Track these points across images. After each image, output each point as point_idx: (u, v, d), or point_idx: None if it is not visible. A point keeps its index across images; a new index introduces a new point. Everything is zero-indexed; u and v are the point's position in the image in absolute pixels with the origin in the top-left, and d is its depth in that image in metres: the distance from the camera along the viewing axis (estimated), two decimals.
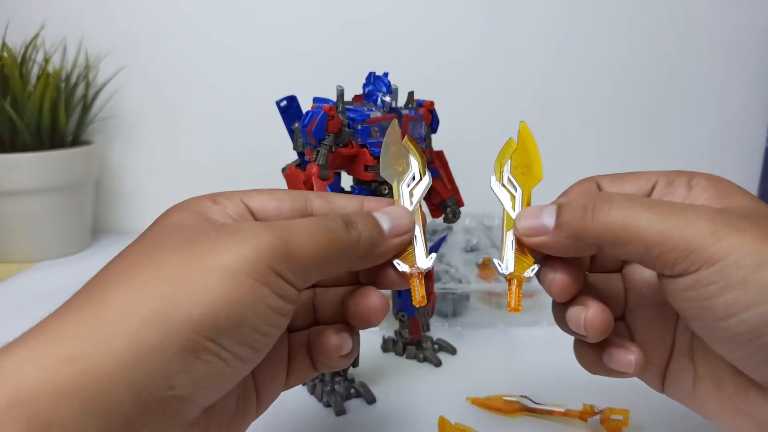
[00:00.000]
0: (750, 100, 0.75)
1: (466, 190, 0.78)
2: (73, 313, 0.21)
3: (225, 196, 0.26)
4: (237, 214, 0.25)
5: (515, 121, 0.33)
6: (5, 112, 0.62)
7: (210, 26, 0.73)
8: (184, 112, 0.75)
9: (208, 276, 0.20)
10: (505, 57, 0.74)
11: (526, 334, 0.48)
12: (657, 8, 0.72)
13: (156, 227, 0.24)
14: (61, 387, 0.18)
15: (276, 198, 0.27)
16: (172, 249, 0.22)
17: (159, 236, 0.23)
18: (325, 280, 0.28)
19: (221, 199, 0.26)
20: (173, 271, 0.21)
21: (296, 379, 0.28)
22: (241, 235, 0.22)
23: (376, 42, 0.73)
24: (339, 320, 0.28)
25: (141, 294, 0.20)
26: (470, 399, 0.37)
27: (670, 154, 0.77)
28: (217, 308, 0.20)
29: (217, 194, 0.26)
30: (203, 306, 0.20)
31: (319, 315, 0.29)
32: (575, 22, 0.73)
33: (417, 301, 0.27)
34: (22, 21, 0.70)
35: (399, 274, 0.27)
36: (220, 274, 0.20)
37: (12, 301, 0.55)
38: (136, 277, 0.21)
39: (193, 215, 0.24)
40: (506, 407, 0.36)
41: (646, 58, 0.74)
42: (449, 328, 0.49)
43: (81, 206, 0.70)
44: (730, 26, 0.73)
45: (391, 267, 0.27)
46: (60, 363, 0.19)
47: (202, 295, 0.20)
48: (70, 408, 0.18)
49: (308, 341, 0.28)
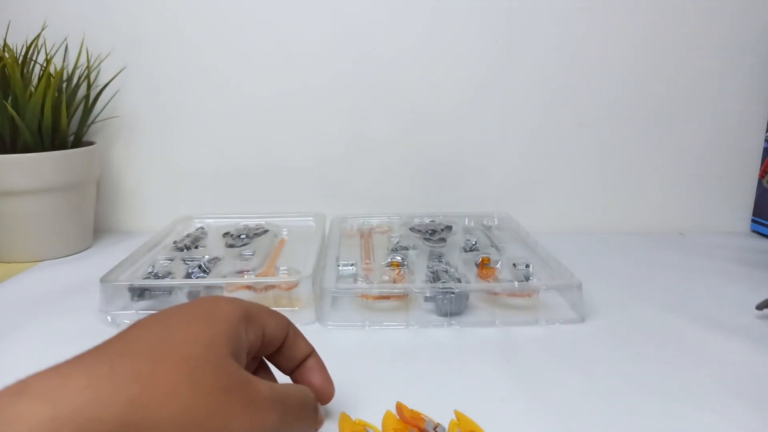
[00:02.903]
0: (749, 100, 0.76)
1: (466, 190, 0.78)
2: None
3: (251, 320, 0.30)
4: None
5: (515, 121, 0.33)
6: (6, 112, 0.62)
7: (210, 26, 0.73)
8: (185, 113, 0.76)
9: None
10: (506, 58, 0.74)
11: (525, 333, 0.48)
12: (656, 9, 0.73)
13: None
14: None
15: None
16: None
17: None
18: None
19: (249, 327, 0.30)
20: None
21: None
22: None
23: (376, 42, 0.73)
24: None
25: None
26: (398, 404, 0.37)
27: (670, 154, 0.77)
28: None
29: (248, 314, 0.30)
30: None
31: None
32: (576, 23, 0.73)
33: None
34: (23, 21, 0.70)
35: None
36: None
37: (13, 301, 0.55)
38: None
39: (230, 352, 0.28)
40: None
41: (646, 59, 0.74)
42: (448, 327, 0.49)
43: (82, 206, 0.70)
44: (730, 26, 0.73)
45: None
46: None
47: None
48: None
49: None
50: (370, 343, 0.47)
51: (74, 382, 0.22)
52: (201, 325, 0.27)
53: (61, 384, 0.22)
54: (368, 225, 0.73)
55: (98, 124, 0.75)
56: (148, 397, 0.23)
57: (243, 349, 0.29)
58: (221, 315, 0.29)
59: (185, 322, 0.27)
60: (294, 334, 0.33)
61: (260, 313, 0.31)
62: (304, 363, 0.34)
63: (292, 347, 0.33)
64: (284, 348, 0.33)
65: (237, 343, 0.28)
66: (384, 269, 0.56)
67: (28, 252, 0.66)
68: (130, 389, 0.23)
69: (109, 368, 0.23)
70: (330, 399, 0.35)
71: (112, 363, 0.24)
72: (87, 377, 0.22)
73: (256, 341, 0.31)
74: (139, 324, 0.27)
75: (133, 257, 0.57)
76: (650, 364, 0.43)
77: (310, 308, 0.50)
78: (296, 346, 0.34)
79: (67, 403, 0.21)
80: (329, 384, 0.35)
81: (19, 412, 0.20)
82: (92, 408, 0.21)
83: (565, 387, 0.40)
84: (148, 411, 0.22)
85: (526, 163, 0.77)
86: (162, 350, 0.25)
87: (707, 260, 0.66)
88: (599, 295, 0.55)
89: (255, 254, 0.60)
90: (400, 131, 0.76)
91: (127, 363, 0.24)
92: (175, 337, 0.26)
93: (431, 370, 0.42)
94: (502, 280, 0.55)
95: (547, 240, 0.63)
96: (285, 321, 0.33)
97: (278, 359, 0.34)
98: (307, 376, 0.34)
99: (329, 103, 0.75)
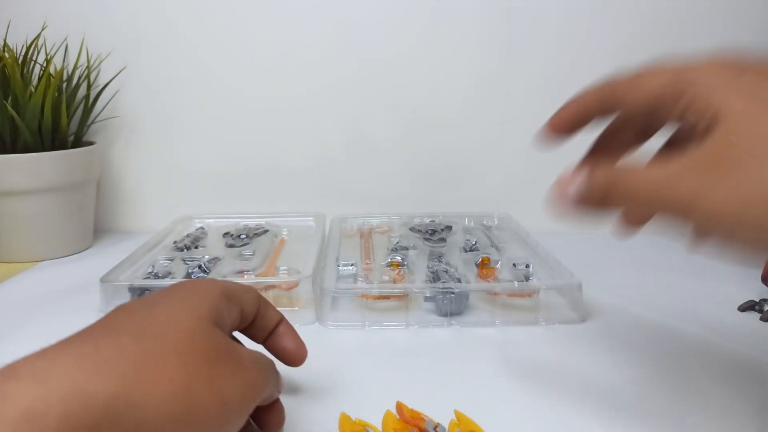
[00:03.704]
0: None
1: (466, 190, 0.78)
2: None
3: (230, 298, 0.31)
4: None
5: (515, 121, 0.33)
6: (6, 112, 0.62)
7: (211, 26, 0.73)
8: (185, 113, 0.76)
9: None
10: (506, 58, 0.74)
11: (525, 333, 0.48)
12: (656, 9, 0.73)
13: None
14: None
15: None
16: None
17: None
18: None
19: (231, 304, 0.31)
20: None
21: None
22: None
23: (376, 43, 0.73)
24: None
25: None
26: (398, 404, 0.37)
27: None
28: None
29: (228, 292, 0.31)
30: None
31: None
32: (576, 23, 0.73)
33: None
34: (23, 21, 0.70)
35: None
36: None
37: (13, 301, 0.55)
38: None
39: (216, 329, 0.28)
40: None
41: (646, 59, 0.74)
42: (448, 327, 0.49)
43: (82, 206, 0.70)
44: (730, 26, 0.73)
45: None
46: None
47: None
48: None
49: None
50: (370, 343, 0.47)
51: (61, 362, 0.22)
52: (184, 302, 0.28)
53: (48, 365, 0.22)
54: (368, 225, 0.73)
55: (98, 124, 0.75)
56: (137, 372, 0.23)
57: (226, 326, 0.30)
58: (202, 293, 0.29)
59: (167, 302, 0.28)
60: (264, 304, 0.34)
61: (237, 291, 0.32)
62: (276, 330, 0.35)
63: (264, 317, 0.34)
64: (256, 320, 0.34)
65: (220, 318, 0.29)
66: (384, 269, 0.56)
67: (28, 252, 0.66)
68: (118, 365, 0.23)
69: (94, 347, 0.23)
70: (304, 359, 0.35)
71: (98, 342, 0.24)
72: (73, 357, 0.23)
73: (236, 318, 0.31)
74: (122, 307, 0.28)
75: (133, 257, 0.57)
76: (650, 364, 0.43)
77: (310, 308, 0.50)
78: (267, 315, 0.34)
79: (55, 381, 0.21)
80: (302, 345, 0.35)
81: (8, 392, 0.20)
82: (80, 384, 0.21)
83: (565, 387, 0.40)
84: (139, 385, 0.23)
85: (526, 163, 0.77)
86: (147, 327, 0.26)
87: (707, 260, 0.66)
88: (599, 296, 0.55)
89: (255, 254, 0.60)
90: (400, 131, 0.76)
91: (112, 341, 0.24)
92: (159, 315, 0.27)
93: (431, 370, 0.42)
94: (502, 280, 0.55)
95: (547, 240, 0.63)
96: (255, 293, 0.34)
97: (251, 331, 0.34)
98: (280, 341, 0.35)
99: (329, 103, 0.75)
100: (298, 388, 0.39)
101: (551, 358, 0.44)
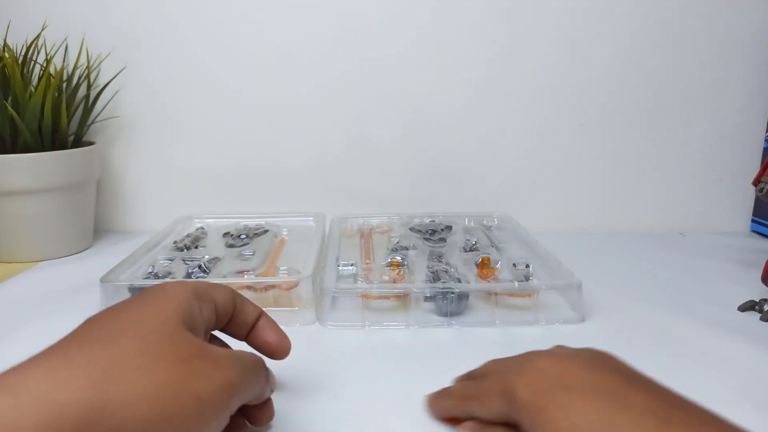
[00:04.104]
0: (749, 101, 0.76)
1: (466, 190, 0.78)
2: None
3: (201, 297, 0.31)
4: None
5: (515, 121, 0.33)
6: (7, 112, 0.62)
7: (211, 26, 0.73)
8: (185, 113, 0.76)
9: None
10: (506, 57, 0.74)
11: (525, 333, 0.48)
12: (656, 9, 0.73)
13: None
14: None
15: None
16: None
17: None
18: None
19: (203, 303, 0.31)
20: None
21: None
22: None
23: (376, 43, 0.73)
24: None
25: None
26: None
27: (670, 154, 0.77)
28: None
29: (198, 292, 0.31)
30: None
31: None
32: (575, 23, 0.73)
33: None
34: (23, 21, 0.70)
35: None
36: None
37: (13, 301, 0.55)
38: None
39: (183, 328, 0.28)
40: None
41: (646, 58, 0.74)
42: (448, 327, 0.49)
43: (82, 206, 0.70)
44: (730, 26, 0.73)
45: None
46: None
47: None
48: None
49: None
50: (370, 343, 0.47)
51: (31, 375, 0.22)
52: (151, 307, 0.28)
53: (19, 379, 0.22)
54: (368, 225, 0.73)
55: (98, 124, 0.75)
56: (108, 378, 0.23)
57: (200, 326, 0.30)
58: (170, 296, 0.29)
59: (135, 308, 0.28)
60: (240, 300, 0.34)
61: (208, 289, 0.32)
62: (256, 325, 0.35)
63: (242, 313, 0.34)
64: (234, 316, 0.34)
65: (191, 319, 0.29)
66: (384, 269, 0.56)
67: (28, 252, 0.66)
68: (88, 373, 0.23)
69: (63, 357, 0.24)
70: (288, 351, 0.35)
71: (67, 353, 0.24)
72: (43, 369, 0.23)
73: (211, 316, 0.31)
74: (91, 319, 0.28)
75: (133, 257, 0.57)
76: (650, 364, 0.43)
77: (310, 308, 0.50)
78: (245, 311, 0.34)
79: (26, 393, 0.21)
80: (284, 338, 0.35)
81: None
82: (52, 394, 0.22)
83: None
84: (111, 391, 0.23)
85: (526, 163, 0.77)
86: (116, 334, 0.26)
87: (707, 260, 0.66)
88: (599, 295, 0.55)
89: (255, 254, 0.60)
90: (401, 131, 0.76)
91: (81, 350, 0.24)
92: (127, 321, 0.27)
93: (431, 370, 0.42)
94: (502, 280, 0.55)
95: (547, 240, 0.63)
96: (230, 290, 0.34)
97: (231, 328, 0.34)
98: (262, 335, 0.35)
99: (329, 103, 0.75)
100: (298, 388, 0.39)
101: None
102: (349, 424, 0.35)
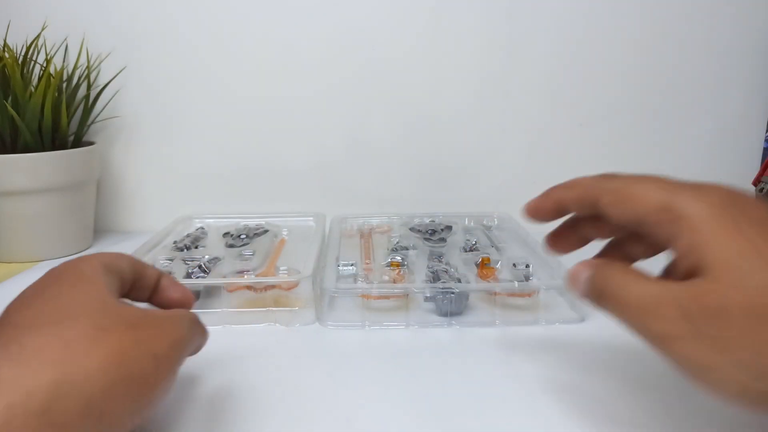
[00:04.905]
0: (749, 100, 0.76)
1: (466, 190, 0.78)
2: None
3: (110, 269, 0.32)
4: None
5: (515, 121, 0.33)
6: (6, 112, 0.62)
7: (211, 27, 0.73)
8: (186, 113, 0.76)
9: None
10: (506, 58, 0.74)
11: (525, 333, 0.48)
12: (656, 9, 0.73)
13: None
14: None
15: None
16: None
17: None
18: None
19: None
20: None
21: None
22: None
23: (376, 43, 0.73)
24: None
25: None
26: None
27: (670, 153, 0.77)
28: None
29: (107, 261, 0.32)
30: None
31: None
32: (575, 23, 0.73)
33: None
34: (23, 21, 0.70)
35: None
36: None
37: None
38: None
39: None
40: None
41: (646, 59, 0.74)
42: (448, 327, 0.49)
43: (82, 206, 0.70)
44: (730, 26, 0.73)
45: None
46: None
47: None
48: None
49: None
50: (370, 343, 0.47)
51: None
52: (82, 287, 0.29)
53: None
54: (368, 225, 0.73)
55: (98, 124, 0.75)
56: (70, 354, 0.24)
57: (118, 295, 0.31)
58: (90, 272, 0.30)
59: (65, 290, 0.29)
60: (141, 266, 0.35)
61: (113, 260, 0.33)
62: (158, 285, 0.36)
63: (143, 278, 0.35)
64: (136, 281, 0.35)
65: (114, 290, 0.31)
66: (384, 269, 0.56)
67: (28, 252, 0.66)
68: (48, 354, 0.24)
69: (19, 345, 0.24)
70: (192, 304, 0.37)
71: (21, 340, 0.25)
72: (3, 360, 0.23)
73: (122, 286, 0.33)
74: (12, 307, 0.28)
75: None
76: (650, 363, 0.43)
77: (310, 308, 0.50)
78: (146, 275, 0.35)
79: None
80: (187, 292, 0.37)
81: None
82: (17, 378, 0.22)
83: (565, 387, 0.40)
84: (75, 364, 0.24)
85: (527, 163, 0.77)
86: (60, 316, 0.26)
87: None
88: None
89: (255, 254, 0.60)
90: (401, 131, 0.76)
91: (34, 335, 0.25)
92: (67, 303, 0.27)
93: (431, 370, 0.42)
94: (502, 280, 0.55)
95: None
96: (128, 256, 0.35)
97: (135, 294, 0.35)
98: (166, 294, 0.36)
99: (329, 103, 0.75)
100: (298, 388, 0.39)
101: (551, 358, 0.44)
102: (349, 424, 0.35)
